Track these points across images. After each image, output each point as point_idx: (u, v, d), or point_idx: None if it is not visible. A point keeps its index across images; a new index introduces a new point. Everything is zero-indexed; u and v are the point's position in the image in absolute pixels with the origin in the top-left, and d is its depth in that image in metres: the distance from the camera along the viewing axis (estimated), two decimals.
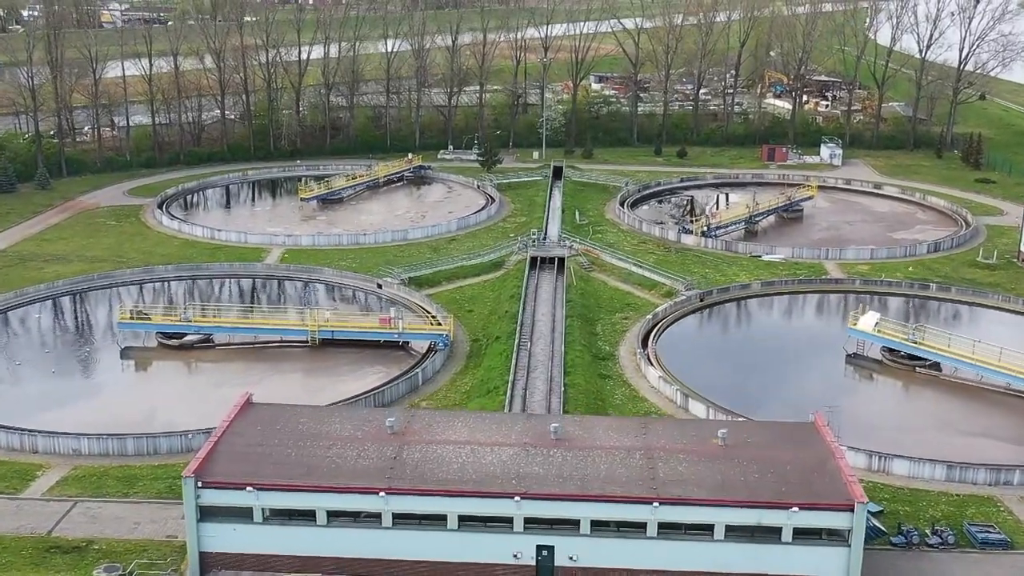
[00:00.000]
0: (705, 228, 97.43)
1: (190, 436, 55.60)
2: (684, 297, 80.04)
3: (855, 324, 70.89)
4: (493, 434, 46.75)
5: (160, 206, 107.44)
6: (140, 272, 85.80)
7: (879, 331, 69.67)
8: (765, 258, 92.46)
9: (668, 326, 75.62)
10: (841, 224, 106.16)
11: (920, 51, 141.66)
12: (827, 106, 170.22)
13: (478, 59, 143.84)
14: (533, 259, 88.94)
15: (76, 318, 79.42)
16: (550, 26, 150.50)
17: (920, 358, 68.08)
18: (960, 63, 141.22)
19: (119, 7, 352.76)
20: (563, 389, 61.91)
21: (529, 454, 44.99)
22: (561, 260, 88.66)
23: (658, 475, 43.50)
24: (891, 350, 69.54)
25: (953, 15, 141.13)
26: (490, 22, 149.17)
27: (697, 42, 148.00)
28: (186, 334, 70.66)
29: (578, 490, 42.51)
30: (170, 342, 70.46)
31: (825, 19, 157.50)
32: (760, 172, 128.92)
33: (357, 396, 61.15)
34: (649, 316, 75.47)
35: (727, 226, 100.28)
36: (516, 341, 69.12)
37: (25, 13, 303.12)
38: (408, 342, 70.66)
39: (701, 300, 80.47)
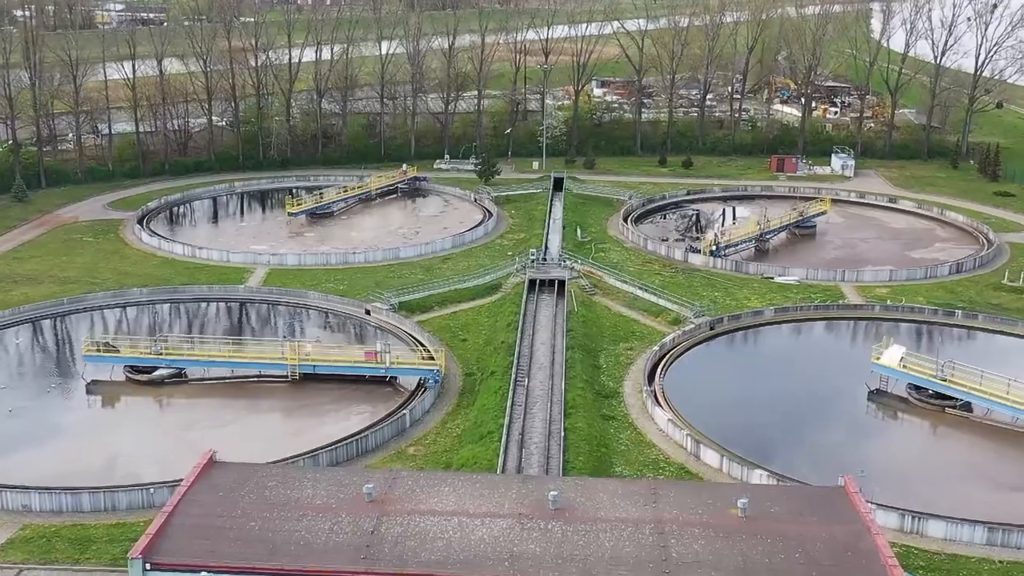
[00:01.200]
0: (714, 247, 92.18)
1: (152, 490, 50.45)
2: (693, 325, 74.82)
3: (878, 359, 65.69)
4: (484, 502, 41.50)
5: (140, 221, 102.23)
6: (113, 296, 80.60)
7: (905, 367, 64.50)
8: (778, 280, 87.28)
9: (676, 358, 70.43)
10: (856, 242, 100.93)
11: (935, 57, 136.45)
12: (836, 113, 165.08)
13: (476, 64, 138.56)
14: (532, 281, 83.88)
15: (40, 348, 74.17)
16: (551, 29, 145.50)
17: (950, 397, 62.88)
18: (976, 70, 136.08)
19: (113, 8, 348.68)
20: (563, 435, 56.75)
21: (524, 528, 39.74)
22: (561, 283, 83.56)
23: (671, 555, 38.26)
24: (918, 387, 64.35)
25: (969, 20, 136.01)
26: (489, 24, 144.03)
27: (703, 47, 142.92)
28: (157, 368, 65.46)
29: (580, 574, 37.30)
30: (139, 377, 65.25)
31: (835, 22, 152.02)
32: (769, 184, 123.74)
33: (338, 442, 55.98)
34: (656, 347, 70.27)
35: (737, 244, 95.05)
36: (513, 377, 64.01)
37: (19, 13, 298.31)
38: (396, 377, 65.41)
39: (711, 328, 75.28)
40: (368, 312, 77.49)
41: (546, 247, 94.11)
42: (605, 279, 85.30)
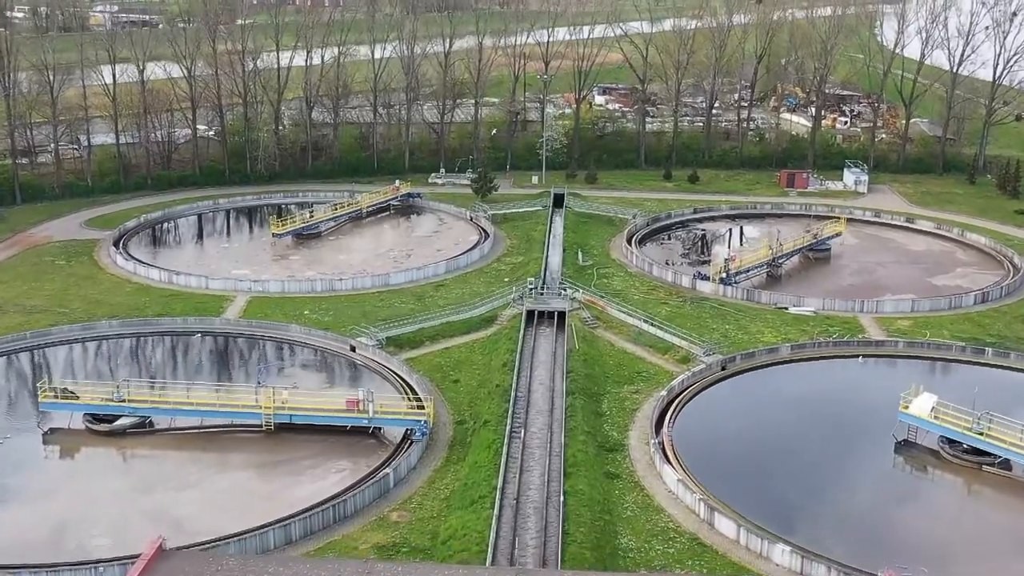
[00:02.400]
0: (724, 274, 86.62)
1: (101, 569, 44.99)
2: (703, 365, 69.30)
3: (907, 408, 60.24)
4: None
5: (116, 242, 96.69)
6: (81, 329, 75.09)
7: (936, 418, 59.02)
8: (792, 311, 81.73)
9: (686, 403, 64.92)
10: (873, 266, 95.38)
11: (951, 68, 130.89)
12: (846, 123, 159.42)
13: (473, 73, 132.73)
14: (530, 312, 78.37)
15: None
16: (552, 32, 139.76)
17: (987, 453, 57.37)
18: (994, 80, 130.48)
19: (108, 10, 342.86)
20: (562, 499, 51.23)
21: None
22: (561, 315, 78.06)
23: None
24: (951, 440, 58.86)
25: (987, 29, 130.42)
26: (487, 28, 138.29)
27: (709, 55, 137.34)
28: (120, 416, 59.96)
29: None
30: (100, 428, 59.73)
31: (845, 30, 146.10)
32: (780, 200, 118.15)
33: (313, 508, 50.49)
34: (664, 392, 64.74)
35: (748, 271, 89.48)
36: (508, 427, 58.52)
37: (12, 14, 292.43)
38: (380, 428, 59.89)
39: (723, 368, 69.76)
40: (353, 349, 71.99)
41: (545, 273, 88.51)
42: (608, 310, 79.75)
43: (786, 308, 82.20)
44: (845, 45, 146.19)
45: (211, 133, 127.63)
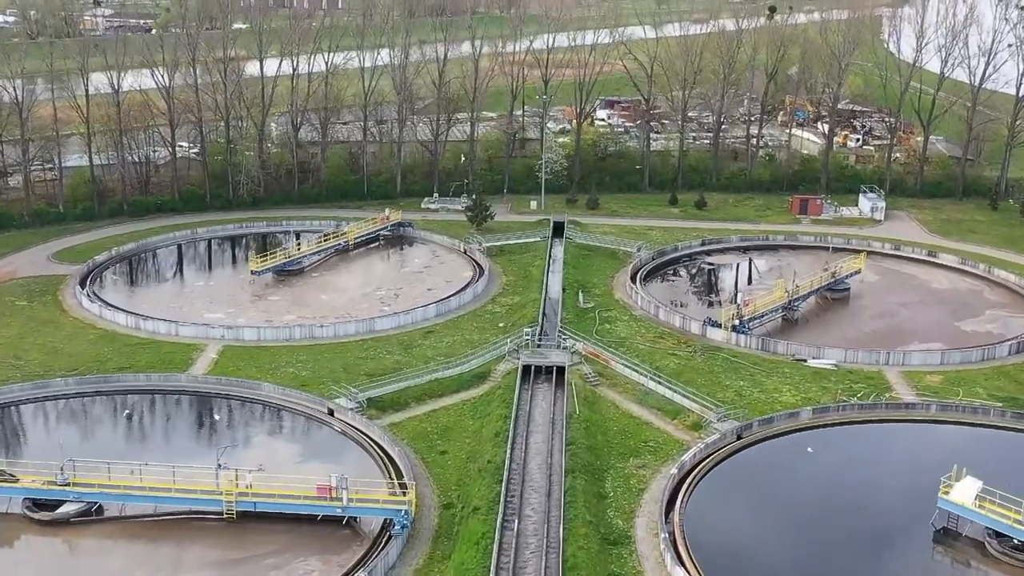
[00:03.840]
0: (736, 321, 79.99)
1: None
2: (716, 435, 62.71)
3: (947, 493, 53.72)
4: None
5: (84, 280, 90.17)
6: (33, 387, 68.50)
7: (981, 507, 52.47)
8: (811, 364, 75.15)
9: (699, 480, 58.36)
10: (896, 308, 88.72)
11: (972, 89, 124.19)
12: (858, 141, 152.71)
13: (469, 86, 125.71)
14: (526, 366, 71.84)
15: None
16: (552, 40, 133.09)
17: None
18: (1017, 101, 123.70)
19: (99, 13, 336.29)
20: None
21: None
22: (560, 369, 71.56)
23: None
24: (999, 533, 52.30)
25: (1010, 47, 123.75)
26: (485, 32, 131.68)
27: (717, 71, 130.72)
28: (64, 502, 53.41)
29: None
30: (40, 516, 53.14)
31: (862, 44, 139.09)
32: (792, 228, 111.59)
33: None
34: (674, 470, 58.12)
35: (762, 316, 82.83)
36: (499, 517, 51.97)
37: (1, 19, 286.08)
38: (357, 517, 53.30)
39: (739, 438, 63.19)
40: (331, 412, 65.39)
41: (543, 318, 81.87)
42: (611, 364, 73.15)
43: (805, 360, 75.62)
44: (861, 64, 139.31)
45: (192, 151, 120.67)
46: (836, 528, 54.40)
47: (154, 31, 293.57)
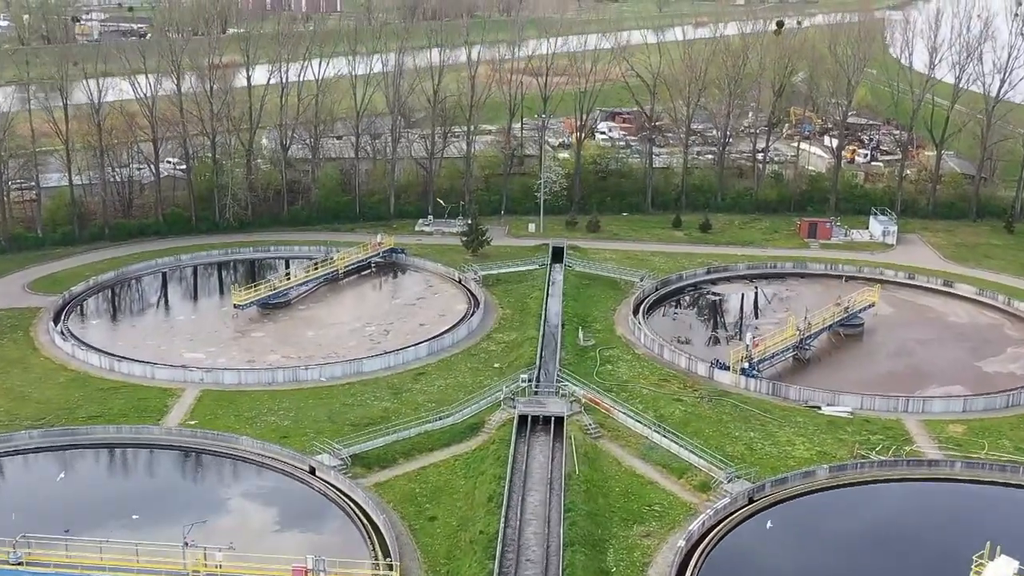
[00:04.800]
0: (745, 363, 75.52)
1: None
2: (727, 498, 58.29)
3: (979, 574, 49.24)
4: None
5: (59, 314, 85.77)
6: None
7: None
8: (826, 411, 70.74)
9: (709, 551, 53.95)
10: (913, 346, 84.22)
11: (986, 108, 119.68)
12: (866, 156, 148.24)
13: (465, 99, 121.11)
14: (523, 417, 67.47)
15: None
16: (551, 46, 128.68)
17: None
18: None
19: (95, 18, 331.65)
20: None
21: None
22: (559, 420, 67.20)
23: None
24: None
25: None
26: (483, 37, 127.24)
27: (723, 88, 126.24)
28: None
29: None
30: None
31: (874, 59, 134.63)
32: (801, 253, 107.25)
33: None
34: (681, 542, 53.68)
35: (773, 357, 78.35)
36: None
37: None
38: None
39: (750, 501, 58.79)
40: (313, 471, 60.99)
41: (541, 358, 77.40)
42: (613, 413, 68.72)
43: (818, 408, 71.19)
44: (879, 81, 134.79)
45: (179, 168, 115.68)
46: None
47: (149, 36, 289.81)
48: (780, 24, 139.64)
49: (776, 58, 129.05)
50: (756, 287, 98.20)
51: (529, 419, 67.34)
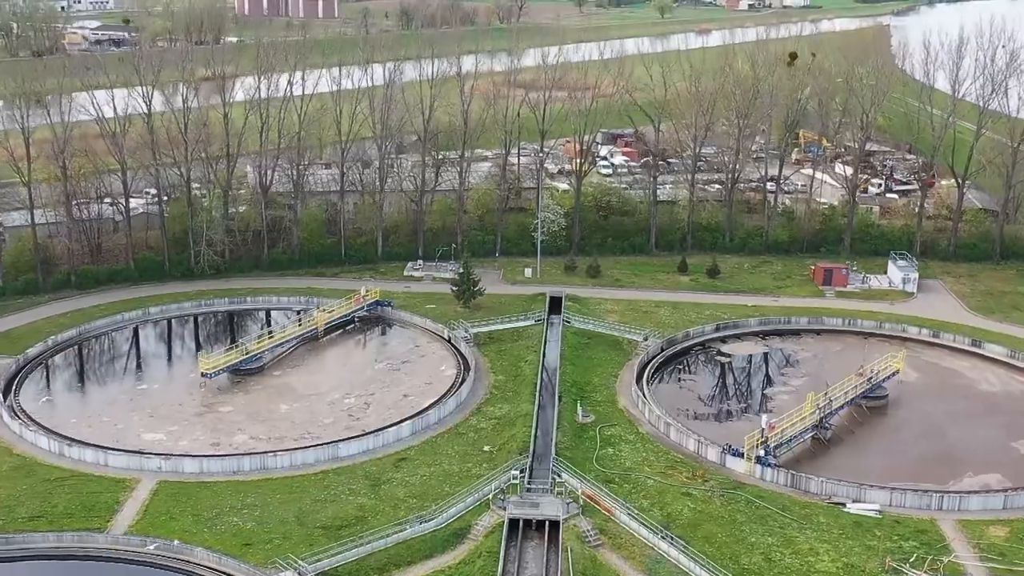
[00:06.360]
0: (761, 451, 68.36)
1: None
2: None
3: None
4: None
5: (9, 384, 78.65)
6: None
7: None
8: (851, 509, 63.64)
9: None
10: (942, 421, 77.08)
11: (1012, 143, 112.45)
12: (881, 186, 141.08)
13: (460, 121, 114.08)
14: (513, 520, 60.41)
15: None
16: (549, 57, 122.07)
17: None
18: None
19: (88, 27, 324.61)
20: None
21: None
22: (555, 524, 60.14)
23: None
24: None
25: None
26: (480, 46, 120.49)
27: (731, 119, 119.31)
28: None
29: None
30: None
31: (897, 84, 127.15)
32: (816, 305, 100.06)
33: None
34: None
35: (790, 441, 71.14)
36: None
37: None
38: None
39: None
40: None
41: (534, 441, 70.20)
42: (615, 515, 61.59)
43: (843, 505, 64.07)
44: (904, 112, 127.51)
45: (151, 203, 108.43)
46: None
47: (138, 46, 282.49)
48: (793, 56, 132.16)
49: (788, 91, 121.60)
50: (765, 353, 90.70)
51: (520, 525, 60.22)
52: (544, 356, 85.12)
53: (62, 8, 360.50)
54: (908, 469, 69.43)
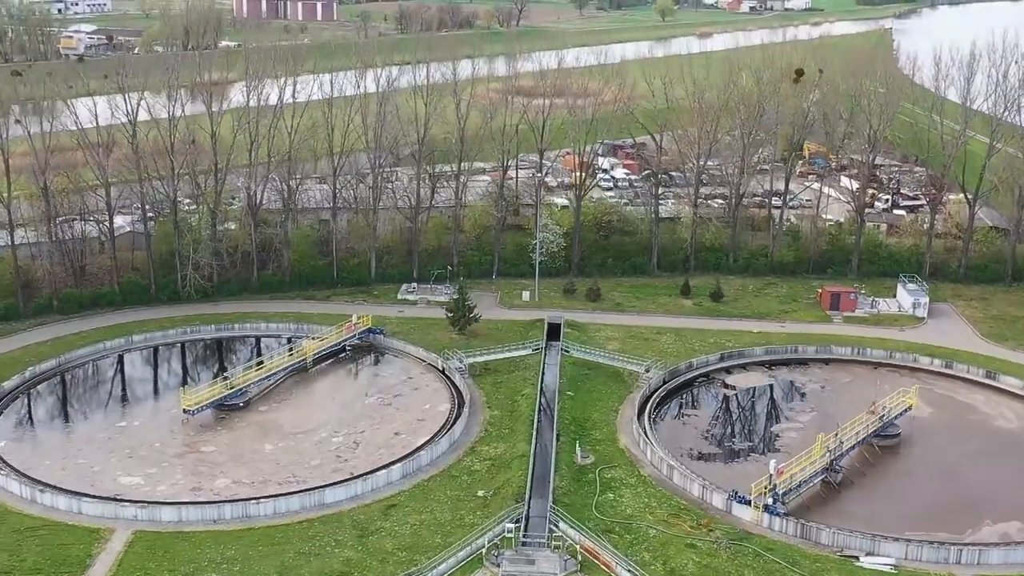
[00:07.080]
0: (769, 498, 65.00)
1: None
2: None
3: None
4: None
5: None
6: None
7: None
8: (864, 563, 60.36)
9: None
10: (957, 462, 73.77)
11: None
12: (888, 201, 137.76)
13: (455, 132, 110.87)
14: None
15: None
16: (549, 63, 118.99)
17: None
18: None
19: (83, 31, 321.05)
20: None
21: None
22: None
23: None
24: None
25: None
26: (477, 51, 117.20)
27: (735, 136, 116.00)
28: None
29: None
30: None
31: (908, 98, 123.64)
32: (824, 332, 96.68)
33: None
34: None
35: (799, 486, 67.77)
36: None
37: None
38: None
39: None
40: None
41: (531, 487, 66.76)
42: (615, 569, 58.24)
43: (856, 559, 60.72)
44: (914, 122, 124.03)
45: (130, 227, 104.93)
46: None
47: (137, 49, 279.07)
48: (800, 72, 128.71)
49: (794, 108, 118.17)
50: (770, 385, 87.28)
51: None
52: (541, 391, 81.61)
53: (58, 11, 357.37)
54: (923, 516, 66.15)
